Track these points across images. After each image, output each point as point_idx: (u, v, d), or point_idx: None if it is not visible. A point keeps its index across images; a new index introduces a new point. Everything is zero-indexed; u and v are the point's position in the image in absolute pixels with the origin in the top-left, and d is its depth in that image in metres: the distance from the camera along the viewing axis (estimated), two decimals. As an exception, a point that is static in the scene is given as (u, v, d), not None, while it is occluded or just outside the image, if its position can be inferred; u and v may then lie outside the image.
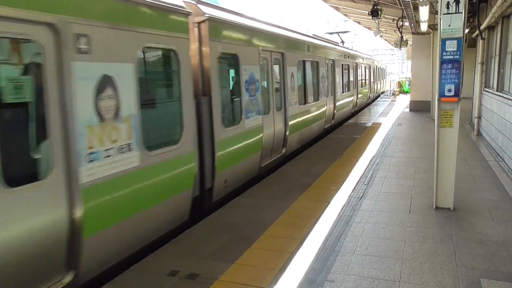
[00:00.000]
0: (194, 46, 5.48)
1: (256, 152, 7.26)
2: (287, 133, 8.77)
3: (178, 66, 4.96)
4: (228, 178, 6.21)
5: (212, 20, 5.73)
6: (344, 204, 5.73)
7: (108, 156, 3.76)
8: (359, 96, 18.84)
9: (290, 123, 8.88)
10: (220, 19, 6.01)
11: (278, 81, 8.56)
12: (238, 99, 6.68)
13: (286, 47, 8.78)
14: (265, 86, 7.89)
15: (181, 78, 4.99)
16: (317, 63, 11.39)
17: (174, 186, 4.86)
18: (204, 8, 5.74)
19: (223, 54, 6.12)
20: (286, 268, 3.94)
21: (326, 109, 12.26)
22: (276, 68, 8.45)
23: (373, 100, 25.77)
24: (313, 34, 12.77)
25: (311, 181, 6.97)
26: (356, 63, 18.02)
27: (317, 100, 11.39)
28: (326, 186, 6.66)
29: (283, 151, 8.74)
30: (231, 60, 6.67)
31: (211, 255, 4.27)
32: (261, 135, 7.37)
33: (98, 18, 3.70)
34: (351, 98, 16.70)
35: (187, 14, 5.10)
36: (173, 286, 3.67)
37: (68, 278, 3.50)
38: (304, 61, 10.16)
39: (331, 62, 13.18)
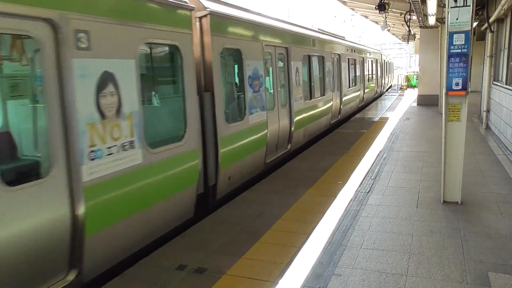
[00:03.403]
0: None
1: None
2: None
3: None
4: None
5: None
6: (351, 199, 5.74)
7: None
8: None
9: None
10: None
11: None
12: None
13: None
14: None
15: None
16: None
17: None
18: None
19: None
20: (293, 262, 3.97)
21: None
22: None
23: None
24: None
25: (318, 176, 6.98)
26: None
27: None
28: (333, 180, 6.67)
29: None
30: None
31: (218, 249, 4.31)
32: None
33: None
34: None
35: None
36: (181, 280, 3.72)
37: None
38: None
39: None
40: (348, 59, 14.49)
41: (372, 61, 20.68)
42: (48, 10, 3.18)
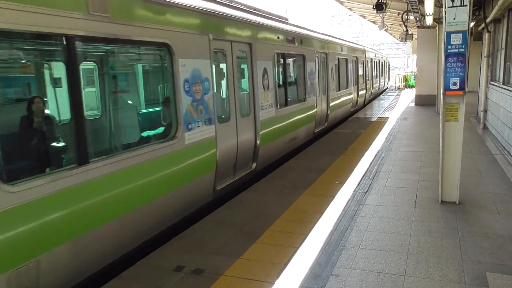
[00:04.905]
0: None
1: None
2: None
3: None
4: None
5: None
6: (349, 199, 5.73)
7: None
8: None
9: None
10: None
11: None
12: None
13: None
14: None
15: None
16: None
17: None
18: None
19: None
20: (291, 262, 3.96)
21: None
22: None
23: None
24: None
25: (316, 176, 6.97)
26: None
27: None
28: (331, 181, 6.66)
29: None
30: None
31: (216, 250, 4.30)
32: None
33: None
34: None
35: None
36: (179, 281, 3.70)
37: None
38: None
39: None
40: (284, 54, 8.73)
41: (347, 60, 14.68)
42: None
